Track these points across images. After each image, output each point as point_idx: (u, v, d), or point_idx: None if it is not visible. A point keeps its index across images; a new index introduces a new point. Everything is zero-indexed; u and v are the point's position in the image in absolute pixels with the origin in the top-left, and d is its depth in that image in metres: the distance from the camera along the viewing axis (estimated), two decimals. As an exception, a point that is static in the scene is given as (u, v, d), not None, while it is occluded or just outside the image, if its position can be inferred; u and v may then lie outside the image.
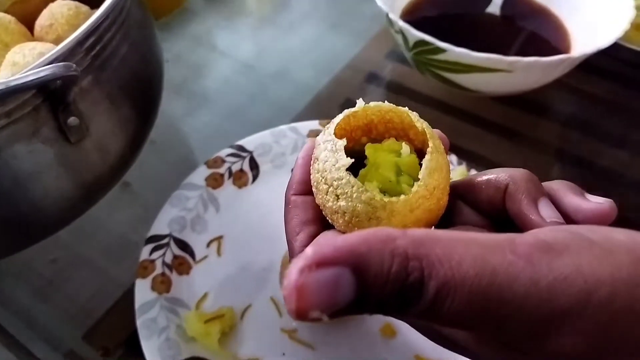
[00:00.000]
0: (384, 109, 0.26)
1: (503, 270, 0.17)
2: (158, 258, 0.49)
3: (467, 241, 0.18)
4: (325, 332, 0.47)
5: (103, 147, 0.45)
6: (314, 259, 0.16)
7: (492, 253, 0.17)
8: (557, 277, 0.17)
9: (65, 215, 0.47)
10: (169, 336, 0.45)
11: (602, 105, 0.69)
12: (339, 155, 0.23)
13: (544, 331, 0.18)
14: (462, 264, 0.17)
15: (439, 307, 0.17)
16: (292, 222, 0.26)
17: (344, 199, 0.23)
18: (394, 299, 0.17)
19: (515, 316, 0.17)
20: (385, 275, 0.17)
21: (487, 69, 0.55)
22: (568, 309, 0.17)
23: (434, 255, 0.17)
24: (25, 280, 0.54)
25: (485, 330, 0.18)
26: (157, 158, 0.63)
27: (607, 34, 0.57)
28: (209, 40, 0.81)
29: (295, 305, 0.16)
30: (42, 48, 0.45)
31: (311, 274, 0.16)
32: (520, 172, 0.25)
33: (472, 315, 0.17)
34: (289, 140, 0.58)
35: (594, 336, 0.17)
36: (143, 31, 0.50)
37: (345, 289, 0.17)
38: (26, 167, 0.40)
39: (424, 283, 0.17)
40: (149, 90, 0.51)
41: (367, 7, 0.81)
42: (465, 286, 0.17)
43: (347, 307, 0.17)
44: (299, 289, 0.16)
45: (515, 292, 0.17)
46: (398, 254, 0.17)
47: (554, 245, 0.18)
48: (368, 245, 0.17)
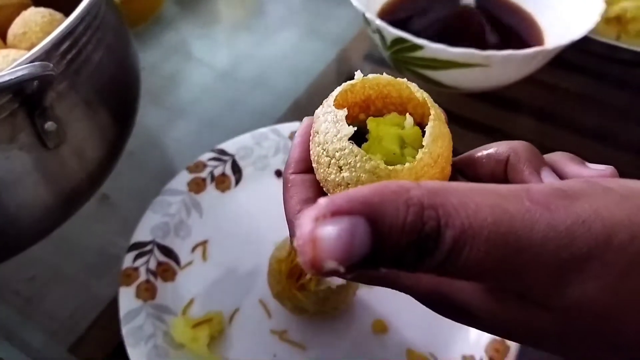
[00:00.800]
0: (382, 82, 0.25)
1: (520, 216, 0.17)
2: (142, 265, 0.48)
3: (483, 190, 0.17)
4: (316, 331, 0.46)
5: (81, 153, 0.44)
6: (328, 208, 0.16)
7: (508, 201, 0.17)
8: (576, 221, 0.17)
9: (42, 227, 0.46)
10: (157, 343, 0.44)
11: (576, 99, 0.70)
12: (341, 125, 0.23)
13: (565, 277, 0.17)
14: (479, 212, 0.17)
15: (456, 256, 0.17)
16: (292, 200, 0.25)
17: (347, 169, 0.22)
18: (410, 249, 0.16)
19: (534, 262, 0.17)
20: (400, 225, 0.16)
21: (464, 64, 0.55)
22: (588, 253, 0.17)
23: (450, 204, 0.17)
24: (3, 299, 0.52)
25: (503, 280, 0.18)
26: (136, 169, 0.62)
27: (578, 27, 0.58)
28: (184, 49, 0.81)
29: (311, 255, 0.16)
30: (16, 55, 0.44)
31: (326, 222, 0.16)
32: (521, 144, 0.25)
33: (490, 264, 0.17)
34: (271, 142, 0.58)
35: (615, 280, 0.17)
36: (118, 36, 0.50)
37: (361, 239, 0.16)
38: (2, 174, 0.39)
39: (441, 232, 0.16)
40: (126, 95, 0.50)
41: (343, 11, 0.82)
42: (483, 234, 0.16)
43: (362, 259, 0.16)
44: (313, 238, 0.16)
45: (533, 238, 0.17)
46: (413, 204, 0.16)
47: (571, 192, 0.18)
48: (382, 196, 0.16)
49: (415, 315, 0.47)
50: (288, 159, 0.26)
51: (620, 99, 0.70)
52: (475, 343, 0.45)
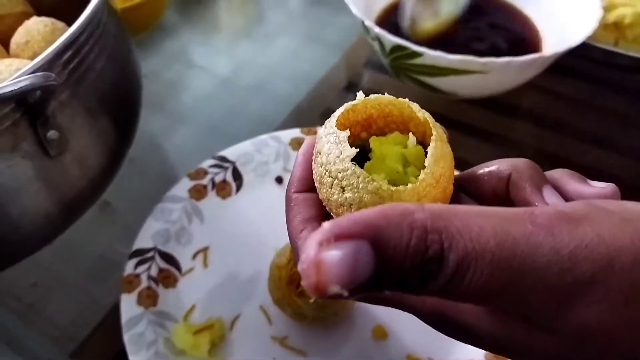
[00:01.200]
0: (384, 101, 0.25)
1: (524, 240, 0.17)
2: (143, 272, 0.48)
3: (486, 213, 0.18)
4: (317, 338, 0.46)
5: (83, 161, 0.44)
6: (332, 232, 0.16)
7: (512, 224, 0.17)
8: (579, 245, 0.17)
9: (45, 234, 0.46)
10: (158, 350, 0.44)
11: (575, 104, 0.71)
12: (343, 146, 0.23)
13: (568, 300, 0.17)
14: (482, 235, 0.17)
15: (460, 280, 0.17)
16: (295, 220, 0.25)
17: (350, 190, 0.23)
18: (414, 273, 0.17)
19: (538, 286, 0.17)
20: (404, 248, 0.16)
21: (463, 71, 0.56)
22: (591, 277, 0.17)
23: (454, 227, 0.17)
24: (5, 306, 0.52)
25: (507, 303, 0.18)
26: (137, 176, 0.62)
27: (577, 33, 0.58)
28: (185, 56, 0.81)
29: (315, 279, 0.16)
30: (19, 64, 0.44)
31: (330, 247, 0.16)
32: (523, 162, 0.25)
33: (494, 287, 0.17)
34: (271, 149, 0.58)
35: (619, 304, 0.17)
36: (120, 45, 0.50)
37: (365, 263, 0.16)
38: (5, 182, 0.39)
39: (444, 256, 0.17)
40: (127, 103, 0.51)
41: (343, 18, 0.83)
42: (487, 258, 0.17)
43: (366, 282, 0.16)
44: (317, 262, 0.16)
45: (537, 262, 0.17)
46: (417, 227, 0.17)
47: (573, 215, 0.18)
48: (386, 219, 0.17)
49: (415, 321, 0.47)
50: (290, 178, 0.27)
51: (619, 104, 0.70)
52: (476, 350, 0.45)
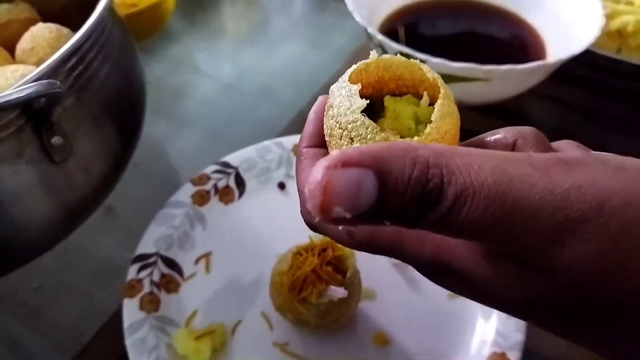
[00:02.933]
0: (396, 63, 0.26)
1: (520, 179, 0.18)
2: (145, 277, 0.49)
3: (487, 154, 0.18)
4: (318, 344, 0.46)
5: (87, 167, 0.45)
6: (339, 159, 0.17)
7: (510, 164, 0.18)
8: (572, 186, 0.18)
9: (49, 238, 0.46)
10: (160, 355, 0.44)
11: (577, 111, 0.71)
12: (354, 99, 0.24)
13: (558, 238, 0.18)
14: (481, 172, 0.17)
15: (457, 212, 0.17)
16: (304, 172, 0.26)
17: (359, 140, 0.23)
18: (413, 204, 0.17)
19: (530, 223, 0.18)
20: (406, 180, 0.17)
21: (466, 78, 0.56)
22: (581, 216, 0.18)
23: (454, 164, 0.18)
24: (8, 309, 0.53)
25: (499, 239, 0.18)
26: (141, 181, 0.63)
27: (579, 41, 0.59)
28: (189, 62, 0.82)
29: (320, 199, 0.17)
30: (25, 70, 0.45)
31: (336, 171, 0.17)
32: (529, 129, 0.26)
33: (488, 222, 0.17)
34: (274, 155, 0.58)
35: (606, 245, 0.18)
36: (125, 52, 0.50)
37: (368, 190, 0.17)
38: (10, 188, 0.40)
39: (443, 189, 0.17)
40: (132, 109, 0.51)
41: (346, 24, 0.83)
42: (483, 193, 0.17)
43: (368, 210, 0.17)
44: (324, 184, 0.17)
45: (531, 199, 0.17)
46: (419, 162, 0.17)
47: (570, 161, 0.19)
48: (391, 153, 0.17)
49: (417, 327, 0.47)
50: (302, 134, 0.27)
51: (621, 111, 0.70)
52: (477, 355, 0.45)
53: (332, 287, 0.43)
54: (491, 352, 0.45)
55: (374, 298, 0.49)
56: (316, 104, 0.27)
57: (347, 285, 0.44)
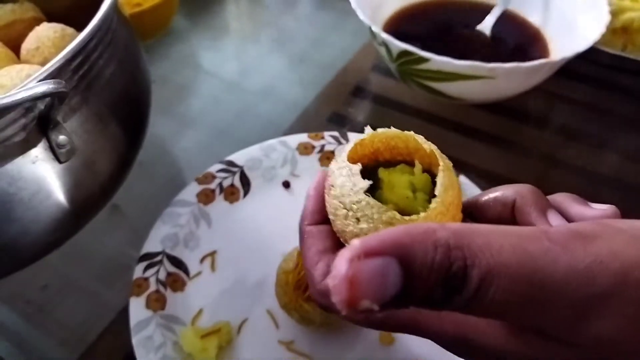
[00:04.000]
0: (390, 135, 0.27)
1: (542, 257, 0.18)
2: (152, 276, 0.49)
3: (504, 232, 0.18)
4: (323, 342, 0.46)
5: (93, 165, 0.45)
6: (362, 249, 0.17)
7: (529, 241, 0.18)
8: (594, 260, 0.18)
9: (55, 238, 0.46)
10: (166, 353, 0.44)
11: (583, 108, 0.71)
12: (356, 179, 0.24)
13: (585, 314, 0.18)
14: (503, 252, 0.18)
15: (483, 295, 0.17)
16: (310, 251, 0.26)
17: (365, 221, 0.24)
18: (439, 288, 0.17)
19: (556, 300, 0.18)
20: (429, 264, 0.17)
21: (470, 76, 0.56)
22: (606, 291, 0.18)
23: (475, 245, 0.18)
24: (15, 308, 0.53)
25: (527, 317, 0.18)
26: (146, 180, 0.63)
27: (584, 38, 0.58)
28: (194, 61, 0.82)
29: (347, 294, 0.17)
30: (30, 70, 0.45)
31: (360, 263, 0.17)
32: (526, 187, 0.26)
33: (516, 302, 0.18)
34: (279, 153, 0.59)
35: (633, 317, 0.18)
36: (129, 51, 0.50)
37: (393, 278, 0.17)
38: (15, 188, 0.40)
39: (467, 272, 0.17)
40: (137, 109, 0.51)
41: (350, 22, 0.83)
42: (508, 273, 0.17)
43: (394, 298, 0.17)
44: (349, 278, 0.16)
45: (555, 277, 0.18)
46: (441, 245, 0.17)
47: (586, 233, 0.19)
48: (411, 237, 0.17)
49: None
50: (303, 212, 0.28)
51: (627, 108, 0.70)
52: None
53: (338, 285, 0.43)
54: (497, 350, 0.45)
55: (379, 296, 0.49)
56: (315, 181, 0.28)
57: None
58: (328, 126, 0.68)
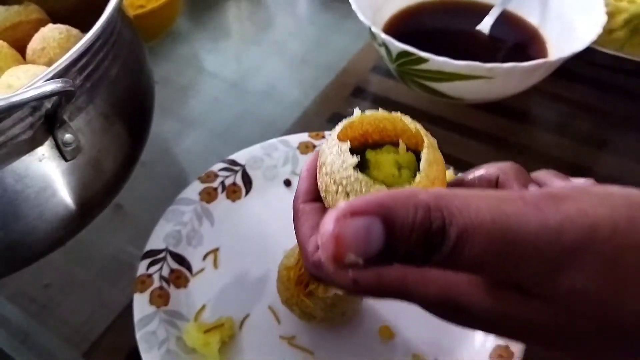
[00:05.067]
0: (378, 117, 0.28)
1: (515, 215, 0.19)
2: (155, 272, 0.49)
3: (482, 195, 0.20)
4: (324, 337, 0.47)
5: (97, 164, 0.46)
6: (347, 210, 0.18)
7: (505, 203, 0.19)
8: (564, 218, 0.19)
9: (59, 236, 0.47)
10: (169, 348, 0.45)
11: (580, 108, 0.71)
12: (345, 156, 0.25)
13: (556, 267, 0.19)
14: (479, 212, 0.19)
15: (460, 251, 0.19)
16: (304, 227, 0.28)
17: (354, 195, 0.25)
18: (419, 246, 0.19)
19: (528, 255, 0.19)
20: (410, 224, 0.19)
21: (468, 76, 0.57)
22: (575, 245, 0.19)
23: (453, 206, 0.19)
24: (19, 305, 0.53)
25: (502, 272, 0.20)
26: (149, 179, 0.63)
27: (581, 39, 0.59)
28: (196, 62, 0.83)
29: (333, 250, 0.18)
30: (36, 70, 0.46)
31: (346, 221, 0.18)
32: (508, 164, 0.27)
33: (490, 257, 0.19)
34: (280, 152, 0.59)
35: (602, 270, 0.19)
36: (134, 52, 0.51)
37: (376, 235, 0.18)
38: (22, 185, 0.41)
39: (446, 230, 0.19)
40: (141, 109, 0.52)
41: (350, 24, 0.84)
42: (483, 230, 0.19)
43: (378, 254, 0.18)
44: (335, 235, 0.18)
45: (527, 234, 0.19)
46: (421, 207, 0.19)
47: (558, 195, 0.20)
48: (394, 200, 0.19)
49: (421, 321, 0.48)
50: (297, 192, 0.29)
51: (624, 108, 0.71)
52: (480, 348, 0.46)
53: (338, 281, 0.44)
54: (495, 344, 0.45)
55: (379, 292, 0.50)
56: (307, 162, 0.29)
57: (352, 280, 0.45)
58: (328, 127, 0.69)
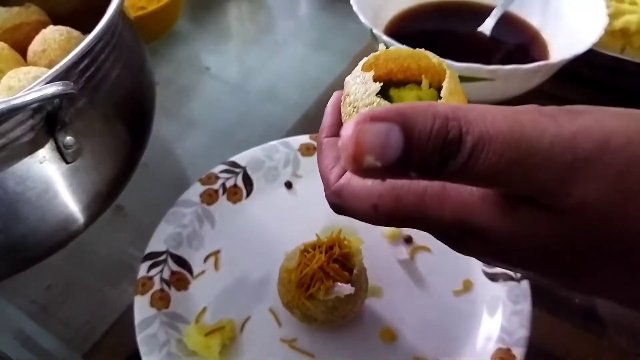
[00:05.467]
0: (403, 54, 0.28)
1: (531, 126, 0.19)
2: (156, 274, 0.49)
3: (499, 108, 0.20)
4: (325, 340, 0.47)
5: (98, 166, 0.46)
6: (368, 115, 0.19)
7: (521, 114, 0.20)
8: (579, 128, 0.19)
9: (60, 238, 0.47)
10: (170, 351, 0.45)
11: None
12: (369, 84, 0.26)
13: (569, 177, 0.19)
14: (495, 122, 0.19)
15: (475, 159, 0.19)
16: (326, 160, 0.27)
17: None
18: (436, 154, 0.19)
19: (542, 164, 0.19)
20: (428, 131, 0.19)
21: (470, 78, 0.56)
22: (589, 154, 0.19)
23: (470, 116, 0.19)
24: (20, 307, 0.53)
25: (515, 181, 0.20)
26: (150, 181, 0.63)
27: (583, 41, 0.59)
28: (197, 63, 0.83)
29: (353, 149, 0.18)
30: (37, 72, 0.45)
31: (366, 125, 0.19)
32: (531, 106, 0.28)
33: (505, 166, 0.19)
34: (281, 154, 0.59)
35: (615, 180, 0.19)
36: (135, 53, 0.51)
37: (395, 141, 0.19)
38: (23, 187, 0.41)
39: (462, 138, 0.19)
40: (142, 110, 0.52)
41: (351, 25, 0.83)
42: (499, 139, 0.19)
43: (395, 162, 0.19)
44: (355, 136, 0.18)
45: (542, 143, 0.19)
46: (439, 116, 0.19)
47: (576, 109, 0.20)
48: (414, 109, 0.19)
49: (423, 324, 0.48)
50: (321, 126, 0.29)
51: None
52: (482, 351, 0.46)
53: (339, 283, 0.44)
54: (496, 347, 0.45)
55: (381, 295, 0.50)
56: (332, 97, 0.29)
57: (354, 282, 0.45)
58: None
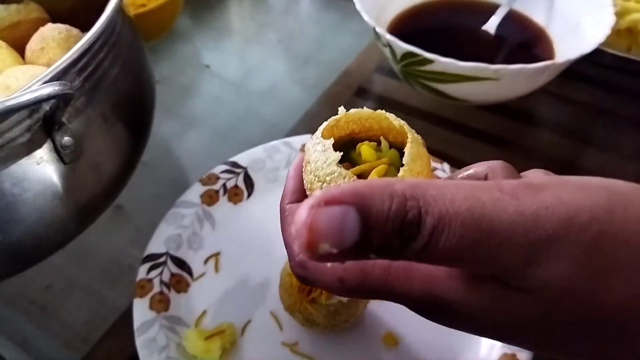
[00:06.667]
0: (364, 115, 0.28)
1: (491, 204, 0.18)
2: (155, 277, 0.49)
3: (458, 184, 0.19)
4: (327, 344, 0.46)
5: (97, 167, 0.45)
6: (322, 198, 0.18)
7: (481, 192, 0.19)
8: (540, 206, 0.19)
9: (59, 238, 0.46)
10: (170, 355, 0.44)
11: (587, 110, 0.71)
12: (329, 153, 0.25)
13: (533, 257, 0.19)
14: (455, 201, 0.18)
15: (436, 241, 0.18)
16: (290, 227, 0.27)
17: None
18: (395, 236, 0.18)
19: (505, 244, 0.18)
20: (386, 213, 0.18)
21: (474, 77, 0.56)
22: (553, 234, 0.18)
23: (429, 195, 0.18)
24: (19, 308, 0.53)
25: (478, 262, 0.19)
26: (149, 180, 0.63)
27: (589, 40, 0.58)
28: (197, 62, 0.82)
29: (306, 238, 0.18)
30: (35, 71, 0.45)
31: (320, 210, 0.18)
32: (498, 162, 0.27)
33: (466, 246, 0.18)
34: (283, 154, 0.59)
35: (581, 260, 0.18)
36: (134, 52, 0.50)
37: (351, 225, 0.18)
38: (20, 189, 0.40)
39: (422, 219, 0.18)
40: (141, 109, 0.51)
41: (354, 23, 0.83)
42: (459, 219, 0.18)
43: (353, 245, 0.18)
44: (309, 223, 0.18)
45: (503, 223, 0.18)
46: (397, 195, 0.18)
47: (536, 184, 0.20)
48: (370, 189, 0.18)
49: (426, 329, 0.47)
50: (283, 191, 0.28)
51: (631, 110, 0.70)
52: (487, 356, 0.45)
53: (342, 287, 0.43)
54: (501, 353, 0.45)
55: (383, 298, 0.49)
56: (294, 163, 0.29)
57: (356, 286, 0.44)
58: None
